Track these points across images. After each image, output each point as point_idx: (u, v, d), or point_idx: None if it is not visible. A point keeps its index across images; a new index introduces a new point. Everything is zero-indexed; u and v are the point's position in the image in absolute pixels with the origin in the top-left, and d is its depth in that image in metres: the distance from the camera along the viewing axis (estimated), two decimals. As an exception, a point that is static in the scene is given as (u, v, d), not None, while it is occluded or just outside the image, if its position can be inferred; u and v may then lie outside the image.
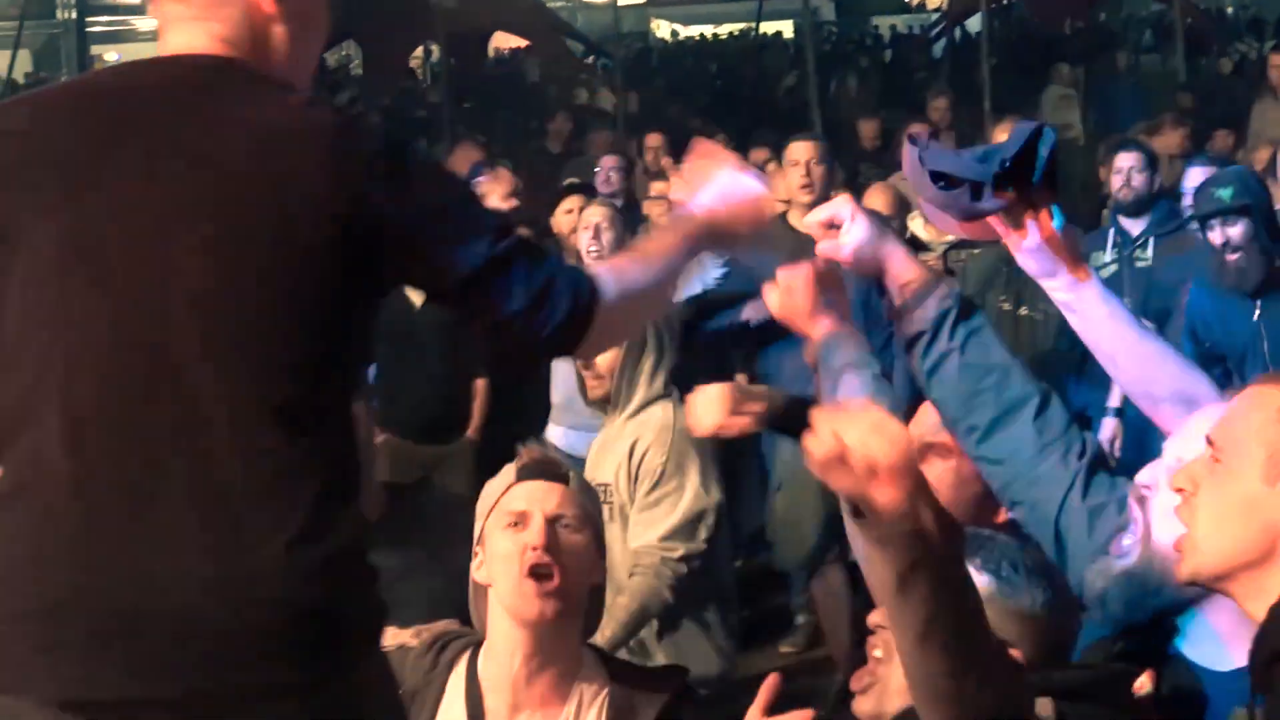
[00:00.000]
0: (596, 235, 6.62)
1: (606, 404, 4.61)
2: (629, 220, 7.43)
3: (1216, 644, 2.29)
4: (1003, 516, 2.77)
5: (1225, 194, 6.00)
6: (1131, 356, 2.60)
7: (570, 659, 2.86)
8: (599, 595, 2.98)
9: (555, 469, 2.94)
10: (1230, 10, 28.24)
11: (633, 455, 4.46)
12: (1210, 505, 2.09)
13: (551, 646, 2.83)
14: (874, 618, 2.44)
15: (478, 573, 2.93)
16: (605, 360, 4.47)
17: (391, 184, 2.18)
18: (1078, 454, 2.51)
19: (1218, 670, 2.28)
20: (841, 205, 2.64)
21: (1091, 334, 2.62)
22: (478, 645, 2.92)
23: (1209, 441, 2.12)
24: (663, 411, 4.48)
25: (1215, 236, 6.02)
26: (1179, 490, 2.14)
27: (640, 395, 4.51)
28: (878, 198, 7.50)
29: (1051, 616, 2.35)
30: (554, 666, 2.84)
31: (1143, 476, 2.37)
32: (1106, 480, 2.49)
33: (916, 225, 7.51)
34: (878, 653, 2.42)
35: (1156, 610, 2.34)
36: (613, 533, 4.23)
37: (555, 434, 6.32)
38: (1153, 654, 2.33)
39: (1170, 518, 2.22)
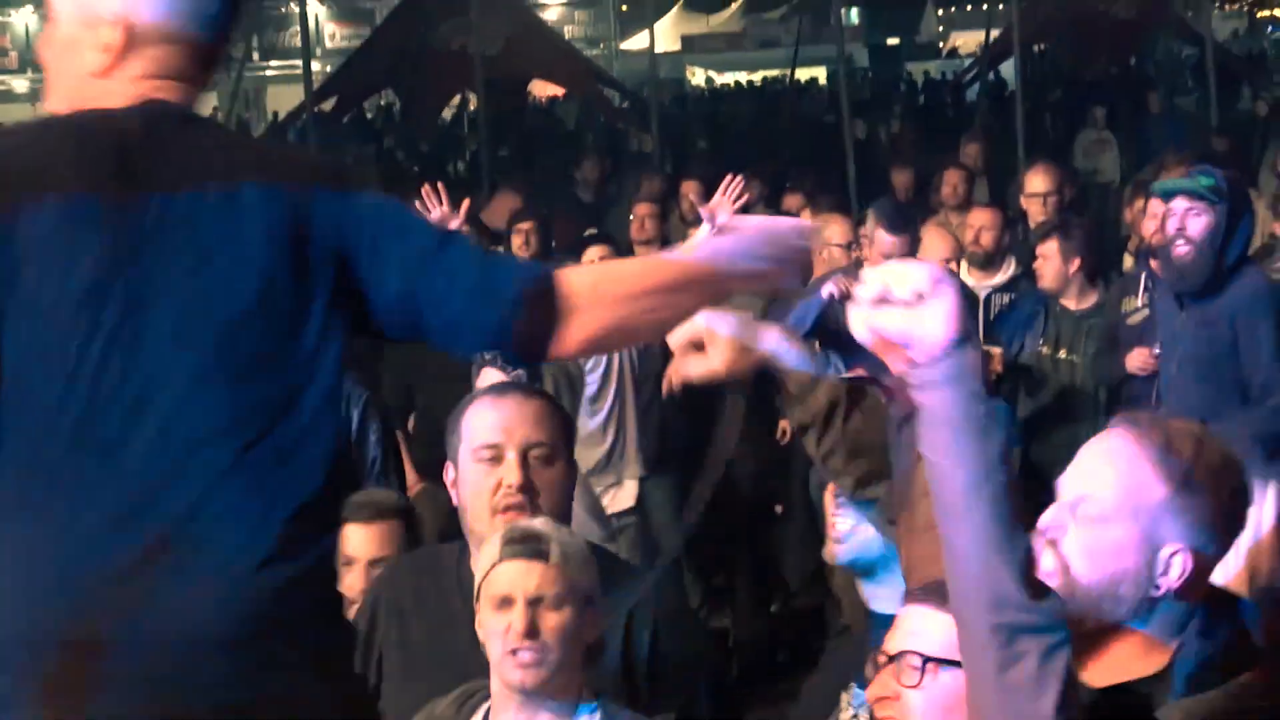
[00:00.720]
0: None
1: None
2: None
3: None
4: None
5: (1205, 181, 5.72)
6: None
7: (565, 708, 2.93)
8: (597, 646, 3.01)
9: (535, 545, 2.95)
10: (1270, 53, 28.17)
11: None
12: None
13: (543, 702, 2.93)
14: (894, 643, 2.51)
15: (481, 636, 3.00)
16: None
17: (329, 205, 2.23)
18: None
19: None
20: (706, 322, 2.59)
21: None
22: None
23: None
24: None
25: (1172, 222, 5.76)
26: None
27: None
28: (935, 239, 7.30)
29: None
30: (547, 717, 2.93)
31: (1046, 520, 2.33)
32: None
33: (963, 272, 7.51)
34: (908, 678, 2.48)
35: None
36: None
37: None
38: None
39: (1086, 555, 2.25)
